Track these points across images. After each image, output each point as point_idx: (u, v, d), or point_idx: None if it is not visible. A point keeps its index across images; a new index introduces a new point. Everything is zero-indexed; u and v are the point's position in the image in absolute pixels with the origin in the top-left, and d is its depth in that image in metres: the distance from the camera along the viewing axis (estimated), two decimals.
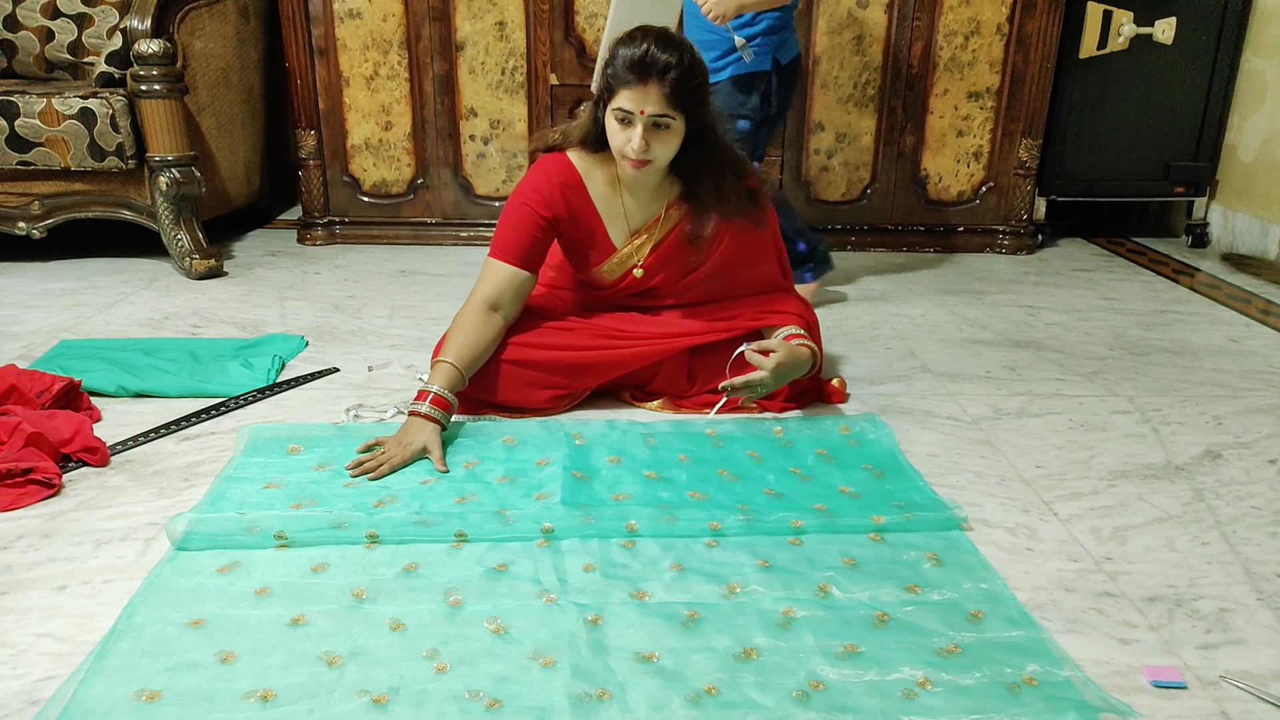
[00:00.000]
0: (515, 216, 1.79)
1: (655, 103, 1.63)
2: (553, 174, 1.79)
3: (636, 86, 1.62)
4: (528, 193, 1.79)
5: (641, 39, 1.63)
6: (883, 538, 1.44)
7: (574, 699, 1.09)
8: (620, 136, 1.68)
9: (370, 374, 2.04)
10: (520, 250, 1.77)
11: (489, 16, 2.91)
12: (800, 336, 1.81)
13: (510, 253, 1.77)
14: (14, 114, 2.55)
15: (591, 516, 1.46)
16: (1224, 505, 1.57)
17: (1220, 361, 2.21)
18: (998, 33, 2.97)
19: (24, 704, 1.08)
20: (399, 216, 3.12)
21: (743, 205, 1.80)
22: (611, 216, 1.83)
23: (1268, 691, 1.13)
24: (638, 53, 1.62)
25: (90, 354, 2.05)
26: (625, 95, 1.64)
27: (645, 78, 1.62)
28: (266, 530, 1.39)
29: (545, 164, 1.81)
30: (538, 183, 1.79)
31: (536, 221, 1.77)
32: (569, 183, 1.79)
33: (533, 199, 1.78)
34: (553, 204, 1.78)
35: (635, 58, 1.62)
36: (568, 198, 1.79)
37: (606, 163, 1.80)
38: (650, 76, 1.61)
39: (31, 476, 1.51)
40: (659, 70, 1.61)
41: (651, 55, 1.61)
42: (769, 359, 1.73)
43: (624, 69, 1.63)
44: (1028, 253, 3.17)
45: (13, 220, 2.69)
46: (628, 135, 1.66)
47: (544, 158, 1.82)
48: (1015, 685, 1.13)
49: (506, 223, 1.80)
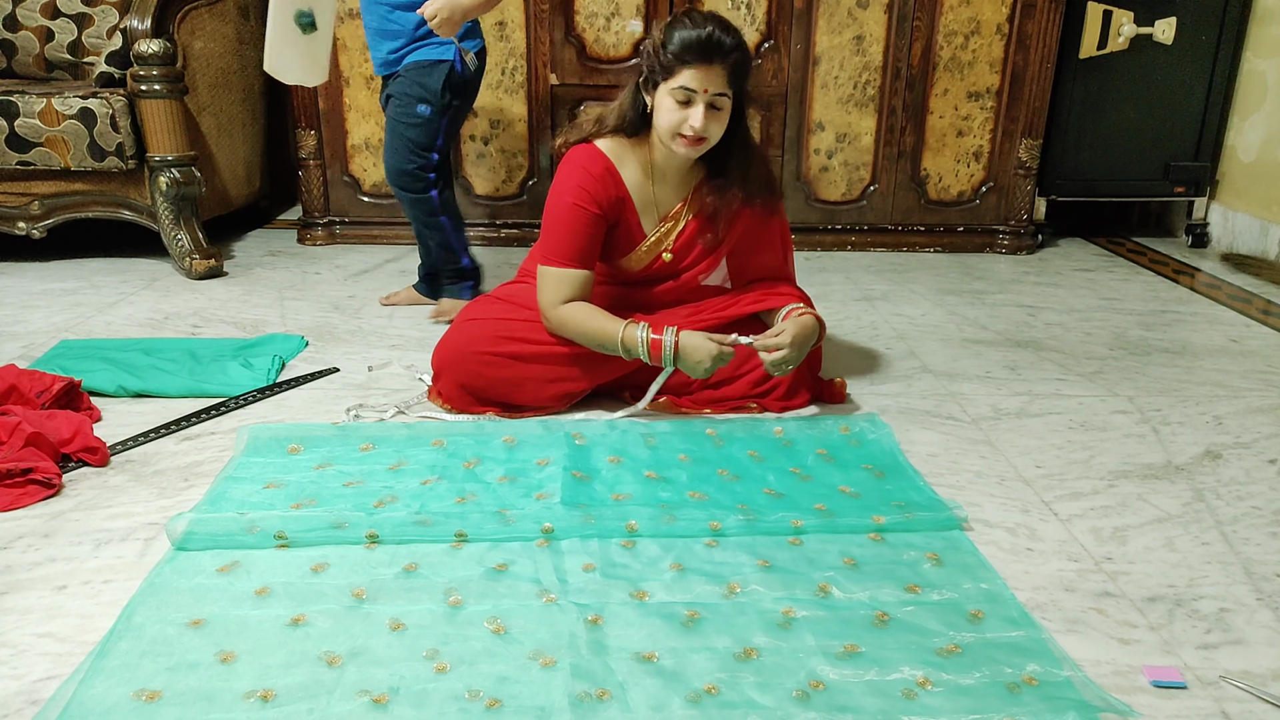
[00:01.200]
0: (569, 219, 1.77)
1: (717, 82, 1.67)
2: (591, 166, 1.78)
3: (702, 66, 1.66)
4: (575, 192, 1.77)
5: (703, 21, 1.66)
6: (883, 538, 1.44)
7: (574, 699, 1.09)
8: (676, 115, 1.69)
9: (370, 374, 2.04)
10: (580, 253, 1.77)
11: (489, 17, 2.90)
12: (801, 309, 1.83)
13: (572, 257, 1.77)
14: (14, 114, 2.55)
15: (591, 516, 1.46)
16: (1224, 505, 1.57)
17: (1220, 361, 2.21)
18: (998, 33, 2.97)
19: (24, 704, 1.08)
20: (399, 216, 3.12)
21: (763, 189, 1.84)
22: (644, 203, 1.84)
23: (1268, 691, 1.13)
24: (703, 34, 1.65)
25: (90, 354, 2.05)
26: (689, 75, 1.66)
27: (710, 58, 1.65)
28: (266, 530, 1.39)
29: (579, 157, 1.79)
30: (581, 179, 1.77)
31: (591, 220, 1.77)
32: (607, 170, 1.79)
33: (582, 198, 1.76)
34: (600, 198, 1.77)
35: (701, 39, 1.65)
36: (608, 188, 1.79)
37: (638, 148, 1.80)
38: (715, 57, 1.65)
39: (31, 476, 1.51)
40: (724, 51, 1.66)
41: (717, 37, 1.65)
42: (782, 336, 1.74)
43: (687, 50, 1.65)
44: (1028, 253, 3.17)
45: (13, 220, 2.69)
46: (686, 114, 1.69)
47: (574, 151, 1.80)
48: (1015, 685, 1.13)
49: (560, 227, 1.77)
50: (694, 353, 1.72)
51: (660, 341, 1.73)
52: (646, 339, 1.73)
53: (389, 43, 2.20)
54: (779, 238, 1.94)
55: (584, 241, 1.77)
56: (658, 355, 1.74)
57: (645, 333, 1.73)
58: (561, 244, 1.77)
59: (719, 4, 2.90)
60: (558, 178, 1.80)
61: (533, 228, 3.12)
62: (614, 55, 2.97)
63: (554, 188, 1.80)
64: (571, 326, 1.77)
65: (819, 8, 2.91)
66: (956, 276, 2.91)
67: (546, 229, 1.80)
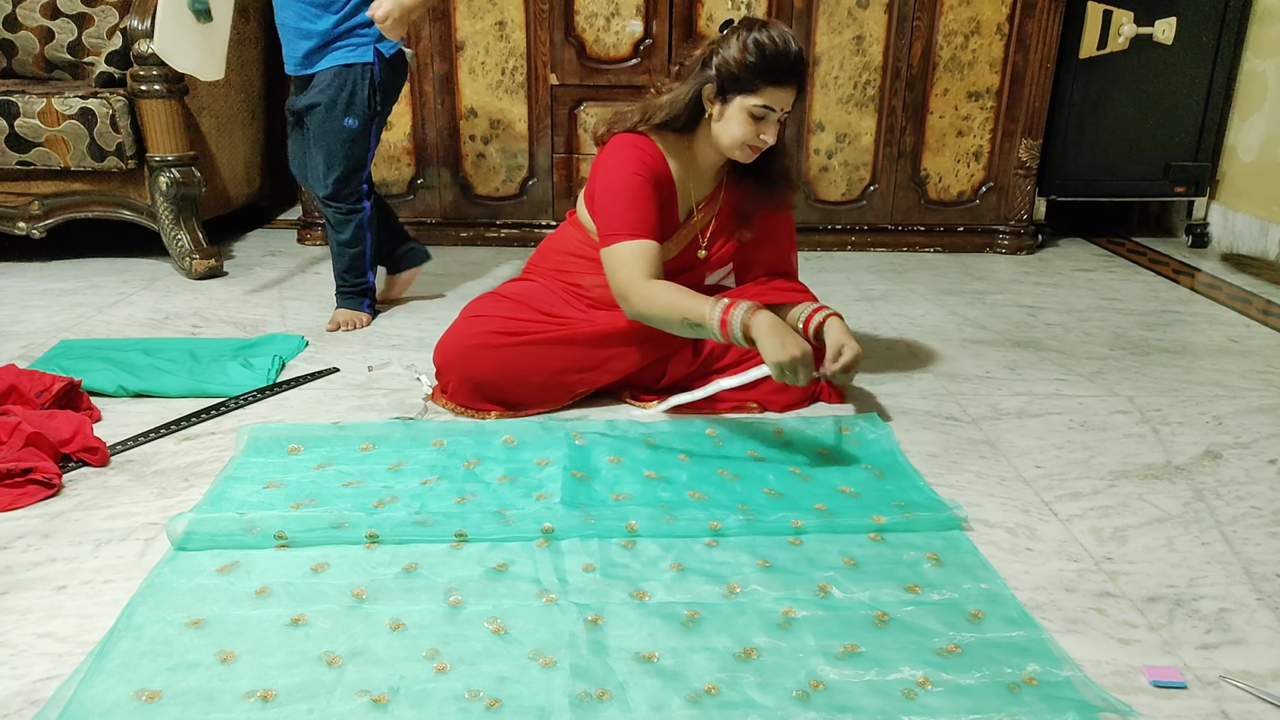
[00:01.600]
0: (633, 189, 1.74)
1: (791, 99, 1.72)
2: (642, 147, 1.77)
3: (785, 87, 1.69)
4: (634, 164, 1.75)
5: (782, 39, 1.68)
6: (883, 538, 1.44)
7: (574, 699, 1.09)
8: (749, 129, 1.71)
9: (370, 374, 2.04)
10: (649, 223, 1.74)
11: (489, 16, 2.91)
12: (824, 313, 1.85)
13: (642, 227, 1.73)
14: (14, 114, 2.55)
15: (591, 516, 1.46)
16: (1224, 505, 1.57)
17: (1220, 361, 2.21)
18: (998, 33, 2.97)
19: (24, 704, 1.08)
20: (399, 216, 3.12)
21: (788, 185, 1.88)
22: (682, 192, 1.85)
23: (1268, 691, 1.13)
24: (790, 57, 1.68)
25: (90, 354, 2.05)
26: (772, 94, 1.69)
27: (791, 80, 1.70)
28: (266, 530, 1.39)
29: (630, 139, 1.78)
30: (635, 155, 1.76)
31: (653, 189, 1.76)
32: (657, 154, 1.79)
33: (641, 169, 1.75)
34: (656, 173, 1.77)
35: (789, 63, 1.68)
36: (658, 170, 1.79)
37: (677, 142, 1.80)
38: (793, 78, 1.70)
39: (31, 476, 1.51)
40: (802, 71, 1.71)
41: (798, 58, 1.69)
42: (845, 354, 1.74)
43: (776, 72, 1.68)
44: (1028, 253, 3.17)
45: (13, 220, 2.69)
46: (758, 129, 1.72)
47: (621, 137, 1.79)
48: (1015, 685, 1.13)
49: (623, 199, 1.74)
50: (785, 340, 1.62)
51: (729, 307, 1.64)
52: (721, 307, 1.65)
53: (305, 42, 2.15)
54: (789, 231, 1.97)
55: (650, 210, 1.75)
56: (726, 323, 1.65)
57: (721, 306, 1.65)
58: (629, 215, 1.74)
59: (718, 4, 2.90)
60: (608, 160, 1.78)
61: (533, 228, 3.12)
62: (614, 55, 2.97)
63: (606, 168, 1.77)
64: (660, 303, 1.70)
65: (819, 8, 2.92)
66: (956, 276, 2.91)
67: (607, 208, 1.76)
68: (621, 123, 1.81)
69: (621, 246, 1.73)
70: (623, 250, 1.73)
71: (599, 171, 1.80)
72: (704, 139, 1.79)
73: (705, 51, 1.75)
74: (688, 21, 2.93)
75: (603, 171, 1.79)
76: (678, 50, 2.94)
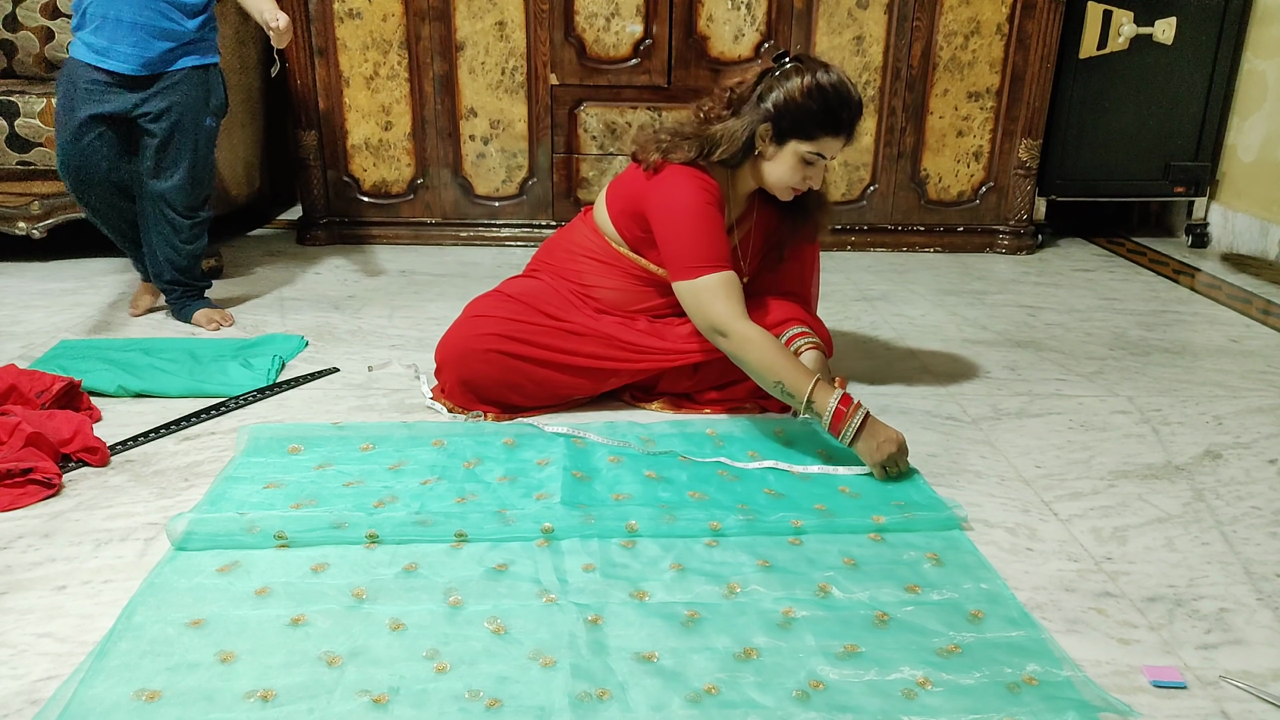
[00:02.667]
0: (707, 221, 1.71)
1: (841, 147, 1.73)
2: (704, 179, 1.74)
3: (843, 137, 1.71)
4: (703, 194, 1.71)
5: (847, 91, 1.68)
6: (883, 538, 1.44)
7: (574, 699, 1.09)
8: (798, 174, 1.73)
9: (370, 374, 2.04)
10: (726, 253, 1.72)
11: (489, 16, 2.91)
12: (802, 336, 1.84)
13: (723, 257, 1.70)
14: (14, 114, 2.55)
15: (591, 516, 1.46)
16: (1224, 505, 1.57)
17: (1220, 361, 2.21)
18: (998, 33, 2.97)
19: (24, 704, 1.08)
20: (399, 216, 3.12)
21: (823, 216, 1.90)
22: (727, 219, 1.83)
23: (1268, 691, 1.13)
24: (853, 109, 1.69)
25: (90, 354, 2.05)
26: (829, 143, 1.70)
27: (853, 132, 1.72)
28: (266, 530, 1.39)
29: (690, 173, 1.73)
30: (702, 184, 1.73)
31: (722, 220, 1.74)
32: (715, 188, 1.75)
33: (711, 200, 1.72)
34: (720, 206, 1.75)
35: (850, 117, 1.69)
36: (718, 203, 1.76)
37: (724, 170, 1.78)
38: (851, 129, 1.72)
39: (31, 476, 1.51)
40: (857, 123, 1.72)
41: (858, 109, 1.70)
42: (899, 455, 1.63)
43: (838, 124, 1.68)
44: (1028, 253, 3.17)
45: (13, 220, 2.69)
46: (807, 174, 1.73)
47: (682, 170, 1.73)
48: (1015, 685, 1.13)
49: (700, 231, 1.70)
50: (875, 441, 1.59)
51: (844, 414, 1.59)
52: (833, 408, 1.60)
53: (164, 43, 2.08)
54: (813, 252, 1.98)
55: (726, 242, 1.74)
56: (837, 426, 1.60)
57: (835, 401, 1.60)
58: (709, 247, 1.69)
59: (718, 5, 2.90)
60: (673, 190, 1.73)
61: (532, 228, 3.12)
62: (614, 55, 2.96)
63: (673, 199, 1.72)
64: (758, 356, 1.64)
65: (819, 8, 2.92)
66: (956, 277, 2.91)
67: (684, 239, 1.71)
68: (677, 152, 1.74)
69: (710, 280, 1.68)
70: (712, 283, 1.68)
71: (662, 200, 1.74)
72: (748, 170, 1.77)
73: (760, 83, 1.71)
74: (688, 22, 2.93)
75: (672, 203, 1.73)
76: (678, 51, 2.94)
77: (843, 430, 1.60)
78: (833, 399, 1.60)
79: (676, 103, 2.96)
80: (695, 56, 2.96)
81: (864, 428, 1.59)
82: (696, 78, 2.96)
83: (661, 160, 1.74)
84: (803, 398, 1.61)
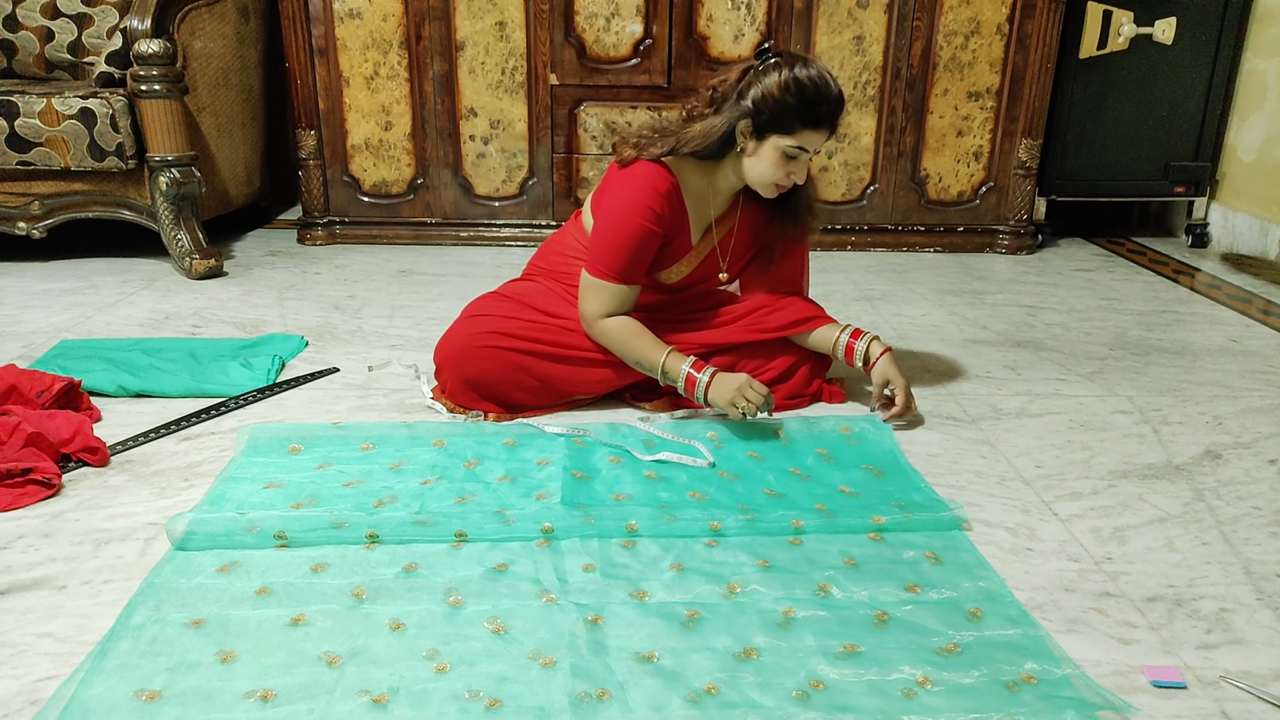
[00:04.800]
0: (629, 236, 1.73)
1: (824, 141, 1.72)
2: (657, 182, 1.74)
3: (824, 130, 1.69)
4: (644, 212, 1.72)
5: (825, 84, 1.66)
6: (882, 537, 1.44)
7: (574, 699, 1.09)
8: (781, 170, 1.71)
9: (370, 374, 2.04)
10: (635, 272, 1.77)
11: (489, 16, 2.91)
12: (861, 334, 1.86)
13: (627, 276, 1.76)
14: (14, 114, 2.55)
15: (591, 516, 1.46)
16: (1224, 505, 1.57)
17: (1220, 361, 2.21)
18: (998, 33, 2.97)
19: (24, 704, 1.08)
20: (399, 216, 3.12)
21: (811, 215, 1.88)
22: (696, 216, 1.83)
23: (1268, 691, 1.13)
24: (830, 102, 1.66)
25: (90, 354, 2.05)
26: (809, 137, 1.68)
27: (835, 124, 1.69)
28: (266, 530, 1.39)
29: (647, 174, 1.74)
30: (648, 198, 1.73)
31: (651, 239, 1.75)
32: (671, 187, 1.76)
33: (649, 218, 1.73)
34: (663, 217, 1.75)
35: (832, 110, 1.67)
36: (672, 206, 1.77)
37: (703, 165, 1.77)
38: (832, 122, 1.69)
39: (31, 476, 1.51)
40: (838, 116, 1.70)
41: (839, 103, 1.68)
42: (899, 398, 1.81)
43: (818, 117, 1.66)
44: (1028, 253, 3.17)
45: (13, 220, 2.69)
46: (790, 169, 1.71)
47: (641, 166, 1.74)
48: (1014, 684, 1.13)
49: (621, 245, 1.74)
50: (724, 390, 1.72)
51: (691, 381, 1.74)
52: (685, 373, 1.75)
53: None
54: (803, 250, 1.96)
55: (642, 261, 1.77)
56: (691, 390, 1.75)
57: (688, 367, 1.75)
58: (619, 261, 1.75)
59: (718, 5, 2.90)
60: (622, 192, 1.75)
61: (532, 228, 3.12)
62: (614, 55, 2.97)
63: (618, 201, 1.74)
64: (614, 340, 1.78)
65: (819, 8, 2.92)
66: (956, 276, 2.91)
67: (604, 242, 1.75)
68: (650, 148, 1.74)
69: (600, 284, 1.77)
70: (598, 287, 1.77)
71: (610, 195, 1.77)
72: (730, 166, 1.77)
73: (742, 80, 1.71)
74: (687, 22, 2.93)
75: (612, 204, 1.76)
76: (678, 50, 2.94)
77: (695, 390, 1.74)
78: (685, 365, 1.74)
79: (676, 103, 2.96)
80: (695, 56, 2.96)
81: (712, 382, 1.73)
82: (696, 78, 2.96)
83: (635, 155, 1.76)
84: (658, 368, 1.76)
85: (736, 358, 1.87)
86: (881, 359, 1.83)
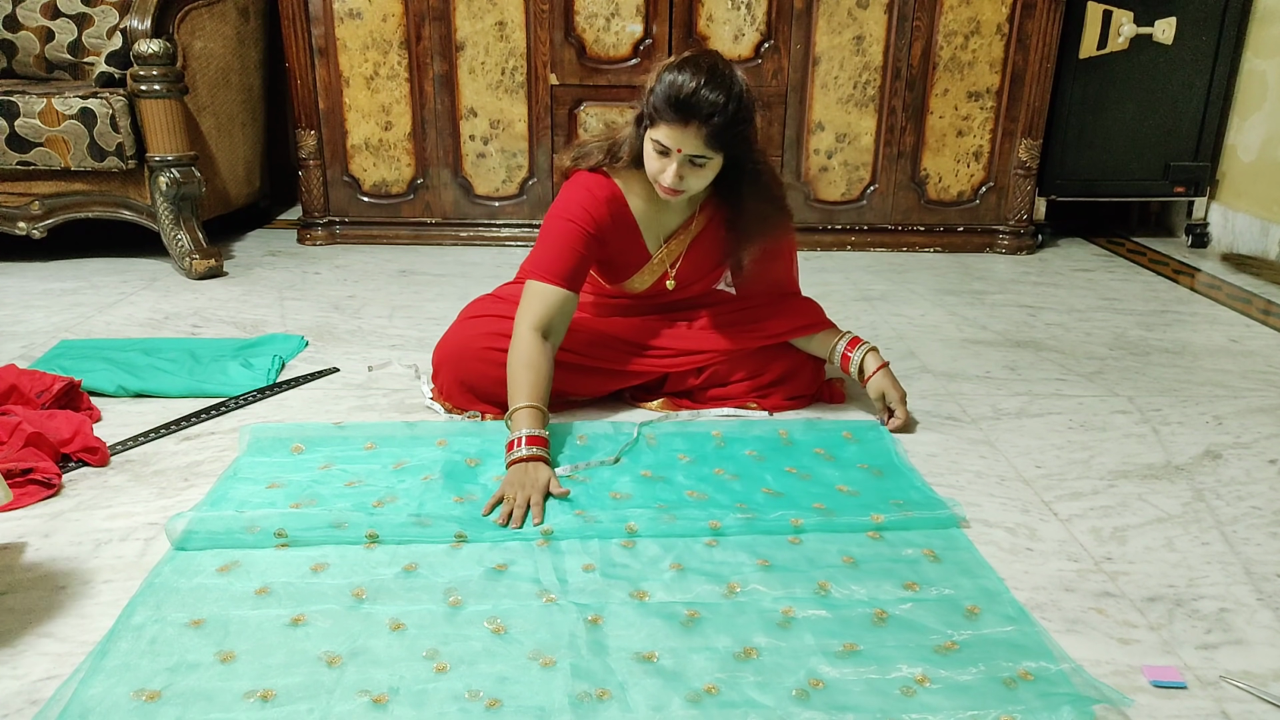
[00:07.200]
0: (561, 234, 1.70)
1: (694, 144, 1.57)
2: (595, 188, 1.73)
3: (678, 125, 1.56)
4: (573, 209, 1.71)
5: (693, 73, 1.54)
6: (881, 536, 1.44)
7: (574, 699, 1.09)
8: (655, 164, 1.63)
9: (370, 374, 2.04)
10: (567, 271, 1.69)
11: (489, 16, 2.91)
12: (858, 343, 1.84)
13: (557, 274, 1.69)
14: (14, 114, 2.55)
15: (591, 517, 1.46)
16: (1224, 505, 1.57)
17: (1220, 361, 2.21)
18: (998, 33, 2.97)
19: (24, 704, 1.08)
20: (399, 216, 3.12)
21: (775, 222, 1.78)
22: (648, 225, 1.80)
23: (1268, 691, 1.13)
24: (685, 91, 1.53)
25: (90, 354, 2.05)
26: (665, 131, 1.57)
27: (689, 119, 1.55)
28: (266, 530, 1.39)
29: (585, 180, 1.73)
30: (582, 199, 1.72)
31: (584, 239, 1.71)
32: (612, 195, 1.74)
33: (579, 216, 1.71)
34: (599, 220, 1.72)
35: (682, 97, 1.53)
36: (611, 211, 1.74)
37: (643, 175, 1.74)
38: (693, 119, 1.55)
39: (31, 476, 1.51)
40: (704, 114, 1.54)
41: (699, 98, 1.53)
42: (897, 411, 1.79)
43: (668, 105, 1.55)
44: (1028, 253, 3.17)
45: (13, 220, 2.69)
46: (663, 165, 1.61)
47: (579, 178, 1.74)
48: (1011, 680, 1.13)
49: (551, 242, 1.71)
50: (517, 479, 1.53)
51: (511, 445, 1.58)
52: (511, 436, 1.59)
53: None
54: (788, 251, 1.92)
55: (574, 260, 1.71)
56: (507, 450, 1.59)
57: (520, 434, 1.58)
58: (549, 259, 1.70)
59: (718, 5, 2.90)
60: (560, 197, 1.75)
61: (532, 228, 3.12)
62: (614, 55, 2.97)
63: (555, 206, 1.75)
64: (511, 356, 1.66)
65: (819, 8, 2.92)
66: (956, 276, 2.91)
67: (540, 244, 1.74)
68: (587, 160, 1.74)
69: (536, 286, 1.69)
70: (534, 290, 1.69)
71: (553, 205, 1.76)
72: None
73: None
74: (688, 22, 2.93)
75: (551, 210, 1.75)
76: (678, 51, 2.94)
77: (507, 454, 1.57)
78: (521, 430, 1.58)
79: None
80: None
81: (519, 464, 1.55)
82: None
83: (572, 166, 1.75)
84: (508, 412, 1.62)
85: (736, 361, 1.86)
86: (877, 374, 1.80)
